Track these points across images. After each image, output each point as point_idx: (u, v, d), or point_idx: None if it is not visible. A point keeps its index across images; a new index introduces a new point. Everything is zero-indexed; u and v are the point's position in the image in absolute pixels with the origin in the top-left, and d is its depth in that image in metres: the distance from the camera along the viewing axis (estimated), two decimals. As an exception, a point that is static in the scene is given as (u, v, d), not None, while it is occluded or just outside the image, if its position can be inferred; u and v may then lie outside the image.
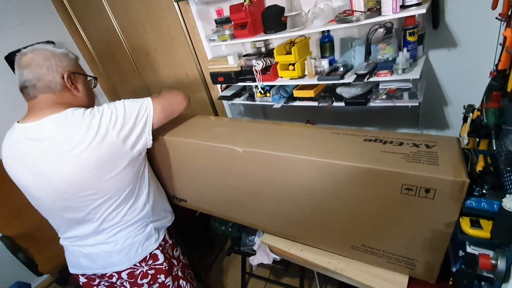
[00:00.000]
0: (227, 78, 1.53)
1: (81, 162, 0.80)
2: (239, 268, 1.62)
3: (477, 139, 0.89)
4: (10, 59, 1.90)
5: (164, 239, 1.06)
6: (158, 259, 1.03)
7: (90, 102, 0.96)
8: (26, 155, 0.82)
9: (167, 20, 1.86)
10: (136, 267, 0.99)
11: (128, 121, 0.86)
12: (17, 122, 0.86)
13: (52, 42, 2.05)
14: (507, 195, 0.56)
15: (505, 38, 0.68)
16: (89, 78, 0.98)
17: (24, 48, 0.85)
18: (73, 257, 1.01)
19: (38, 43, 0.90)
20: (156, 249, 1.02)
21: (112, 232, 0.94)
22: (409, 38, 1.07)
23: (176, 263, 1.12)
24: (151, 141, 0.93)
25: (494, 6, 0.80)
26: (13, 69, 1.87)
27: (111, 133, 0.82)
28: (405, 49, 1.06)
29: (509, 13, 0.74)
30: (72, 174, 0.81)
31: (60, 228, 0.98)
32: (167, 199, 1.18)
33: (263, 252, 1.13)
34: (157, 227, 1.04)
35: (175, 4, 1.68)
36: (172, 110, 1.01)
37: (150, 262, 1.01)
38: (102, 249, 0.95)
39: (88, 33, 2.33)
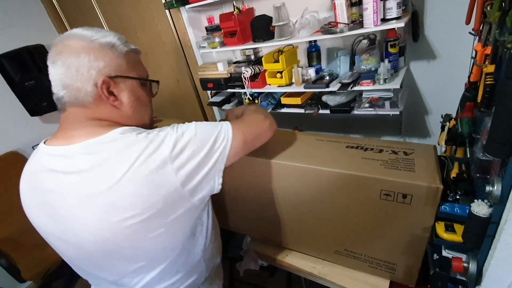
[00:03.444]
0: (216, 85, 1.55)
1: (122, 212, 0.54)
2: (227, 274, 1.62)
3: (454, 147, 0.93)
4: (-1, 62, 1.88)
5: None
6: None
7: (141, 118, 0.67)
8: (47, 192, 0.59)
9: (158, 26, 1.87)
10: None
11: (196, 154, 0.58)
12: (44, 142, 0.62)
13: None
14: (475, 200, 0.59)
15: (476, 52, 0.73)
16: (139, 81, 0.66)
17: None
18: None
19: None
20: None
21: None
22: (391, 50, 1.12)
23: None
24: (220, 186, 0.64)
25: (467, 21, 0.84)
26: (3, 73, 1.87)
27: (169, 169, 0.55)
28: (386, 60, 1.11)
29: (481, 28, 0.78)
30: (104, 228, 0.55)
31: (91, 282, 0.76)
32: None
33: (250, 257, 1.14)
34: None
35: (167, 11, 1.71)
36: (254, 143, 0.72)
37: None
38: None
39: (79, 37, 2.33)
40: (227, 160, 0.64)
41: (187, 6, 1.46)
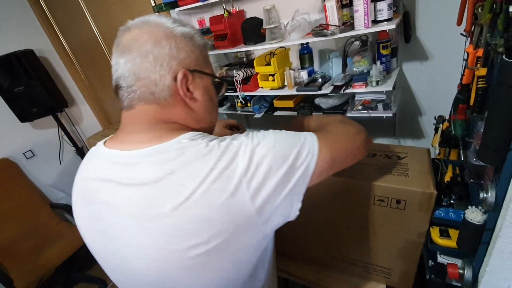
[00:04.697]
0: (208, 88, 1.53)
1: (186, 240, 0.44)
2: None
3: (448, 149, 0.92)
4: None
5: None
6: None
7: (211, 121, 0.59)
8: (99, 204, 0.50)
9: (149, 29, 1.85)
10: None
11: (275, 172, 0.46)
12: (104, 142, 0.54)
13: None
14: (469, 207, 0.57)
15: (468, 54, 0.71)
16: (215, 80, 0.58)
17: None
18: None
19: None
20: None
21: None
22: (383, 51, 1.11)
23: None
24: (298, 212, 0.51)
25: (459, 23, 0.83)
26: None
27: (244, 190, 0.44)
28: (378, 62, 1.09)
29: (472, 29, 0.77)
30: (162, 258, 0.45)
31: None
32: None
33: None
34: None
35: (156, 14, 1.68)
36: (344, 161, 0.58)
37: None
38: None
39: (69, 40, 2.29)
40: (310, 180, 0.50)
41: (176, 9, 1.44)
